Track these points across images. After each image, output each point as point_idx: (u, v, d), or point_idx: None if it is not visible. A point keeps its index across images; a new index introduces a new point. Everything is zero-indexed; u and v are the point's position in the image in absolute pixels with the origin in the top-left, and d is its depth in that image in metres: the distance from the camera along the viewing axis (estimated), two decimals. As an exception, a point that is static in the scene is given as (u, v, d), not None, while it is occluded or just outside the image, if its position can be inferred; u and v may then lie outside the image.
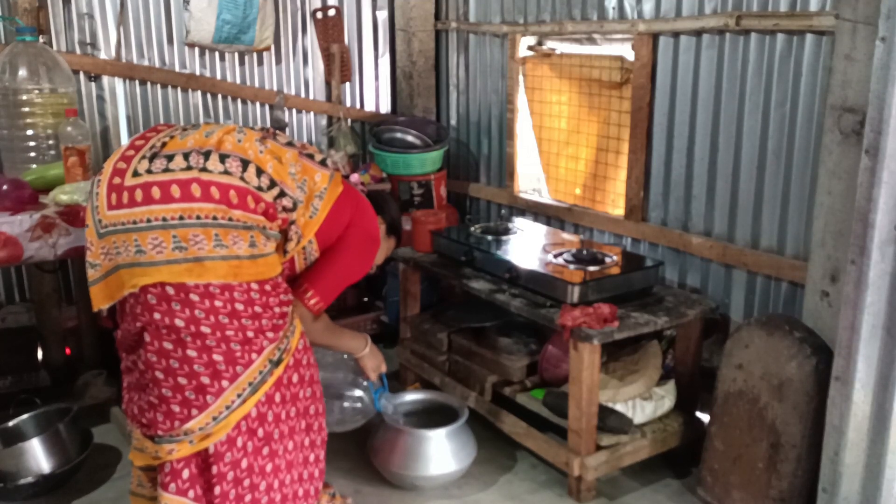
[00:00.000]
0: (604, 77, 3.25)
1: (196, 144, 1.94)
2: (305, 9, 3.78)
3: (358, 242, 2.19)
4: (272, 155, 2.00)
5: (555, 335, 2.72)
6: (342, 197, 2.13)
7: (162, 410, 1.90)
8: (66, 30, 3.28)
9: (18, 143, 2.81)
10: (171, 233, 1.85)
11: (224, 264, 1.87)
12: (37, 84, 2.80)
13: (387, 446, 2.55)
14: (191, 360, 1.88)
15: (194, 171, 1.88)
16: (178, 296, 1.86)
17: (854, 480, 1.97)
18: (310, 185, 2.05)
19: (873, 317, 1.87)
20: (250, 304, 1.92)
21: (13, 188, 2.44)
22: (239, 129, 2.02)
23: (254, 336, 1.92)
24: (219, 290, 1.88)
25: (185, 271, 1.85)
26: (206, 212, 1.87)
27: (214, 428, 1.89)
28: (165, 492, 1.92)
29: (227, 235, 1.88)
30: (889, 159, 1.79)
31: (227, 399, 1.89)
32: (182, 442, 1.90)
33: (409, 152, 3.66)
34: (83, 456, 2.58)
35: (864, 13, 2.00)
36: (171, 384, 1.89)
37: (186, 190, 1.87)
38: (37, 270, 3.11)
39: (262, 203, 1.93)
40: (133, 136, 2.05)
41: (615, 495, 2.57)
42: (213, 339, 1.88)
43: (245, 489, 1.95)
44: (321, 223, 2.08)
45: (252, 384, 1.92)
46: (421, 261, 3.14)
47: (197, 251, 1.85)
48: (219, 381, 1.88)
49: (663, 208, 2.99)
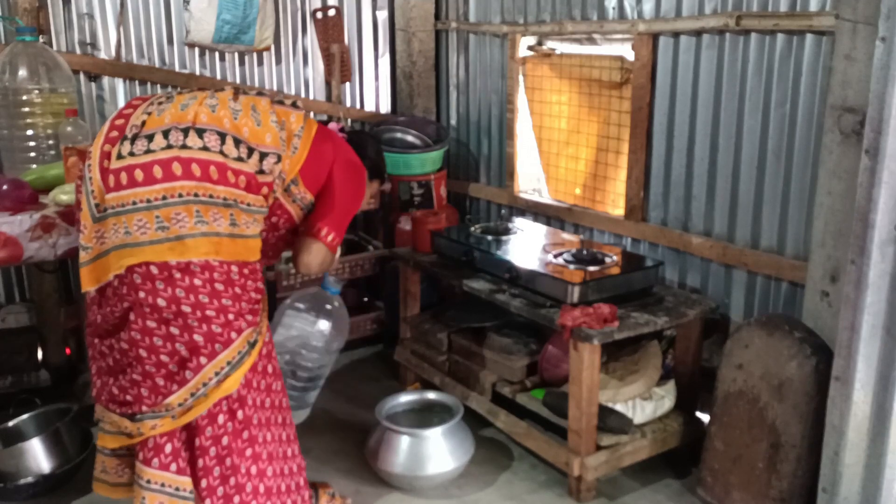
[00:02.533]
0: (604, 77, 3.25)
1: (173, 120, 2.00)
2: (305, 9, 3.79)
3: (346, 173, 2.25)
4: (248, 110, 2.07)
5: (555, 335, 2.72)
6: (319, 134, 2.20)
7: (146, 386, 1.96)
8: (66, 30, 3.28)
9: (18, 143, 2.81)
10: (154, 213, 1.92)
11: (205, 241, 1.94)
12: (37, 84, 2.80)
13: (383, 447, 2.55)
14: (173, 338, 1.95)
15: (174, 149, 1.95)
16: (162, 274, 1.93)
17: (854, 480, 1.97)
18: (287, 126, 2.13)
19: (873, 317, 1.87)
20: (230, 284, 1.98)
21: (13, 188, 2.44)
22: (211, 94, 2.09)
23: (234, 318, 1.99)
24: (199, 268, 1.94)
25: (167, 250, 1.92)
26: (188, 189, 1.94)
27: (193, 402, 1.96)
28: (148, 467, 1.99)
29: (208, 212, 1.95)
30: (889, 159, 1.79)
31: (206, 376, 1.95)
32: (165, 417, 1.96)
33: (409, 152, 3.66)
34: (83, 456, 2.58)
35: (864, 13, 2.00)
36: (153, 361, 1.95)
37: (168, 169, 1.94)
38: (37, 270, 3.11)
39: (241, 176, 2.00)
40: (112, 115, 2.09)
41: (615, 495, 2.57)
42: (194, 319, 1.94)
43: (228, 469, 2.01)
44: (304, 160, 2.14)
45: (231, 363, 1.98)
46: (421, 261, 3.14)
47: (178, 230, 1.92)
48: (198, 357, 1.95)
49: (663, 208, 2.99)
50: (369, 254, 3.61)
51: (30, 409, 2.74)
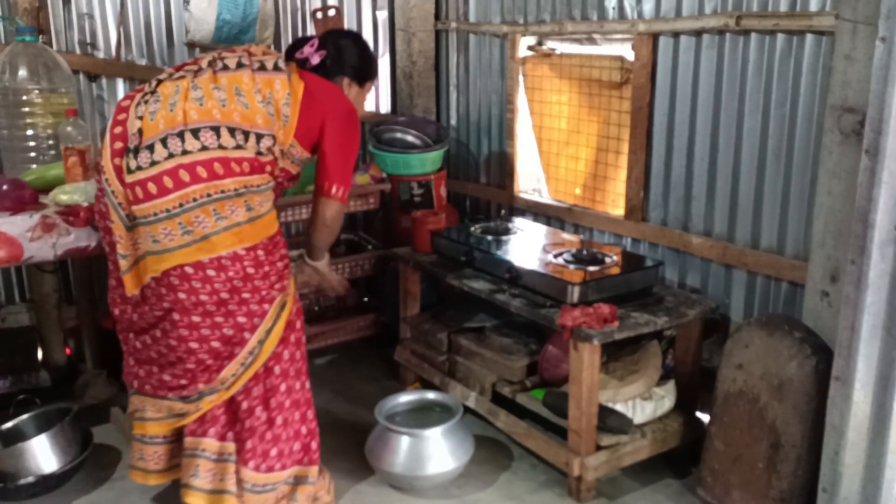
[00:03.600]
0: (604, 77, 3.25)
1: (167, 125, 2.09)
2: (305, 9, 3.78)
3: (339, 123, 2.32)
4: (233, 95, 2.14)
5: (555, 335, 2.72)
6: (306, 95, 2.26)
7: (201, 369, 2.16)
8: (66, 30, 3.28)
9: (18, 143, 2.81)
10: (176, 221, 2.06)
11: (228, 234, 2.09)
12: (37, 84, 2.80)
13: (383, 447, 2.55)
14: (219, 326, 2.13)
15: (176, 157, 2.06)
16: (197, 274, 2.08)
17: (854, 480, 1.97)
18: (274, 97, 2.20)
19: (873, 317, 1.87)
20: (259, 265, 2.15)
21: (13, 188, 2.44)
22: (192, 84, 2.15)
23: (266, 293, 2.17)
24: (229, 260, 2.10)
25: (196, 251, 2.07)
26: (200, 192, 2.06)
27: (242, 373, 2.17)
28: (205, 437, 2.21)
29: (224, 207, 2.08)
30: (889, 159, 1.79)
31: (251, 346, 2.16)
32: (220, 392, 2.18)
33: (409, 152, 3.66)
34: (83, 456, 2.58)
35: (864, 13, 2.00)
36: (206, 349, 2.14)
37: (176, 178, 2.05)
38: (37, 270, 3.11)
39: (245, 163, 2.12)
40: (109, 124, 2.17)
41: (615, 495, 2.57)
42: (234, 304, 2.13)
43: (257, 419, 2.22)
44: (296, 126, 2.23)
45: (268, 330, 2.19)
46: (421, 261, 3.14)
47: (202, 230, 2.07)
48: (242, 333, 2.15)
49: (663, 208, 2.99)
50: (369, 254, 3.61)
51: (30, 409, 2.74)
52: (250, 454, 2.20)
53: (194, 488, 2.20)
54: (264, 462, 2.23)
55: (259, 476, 2.22)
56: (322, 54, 2.44)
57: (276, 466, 2.25)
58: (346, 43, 2.52)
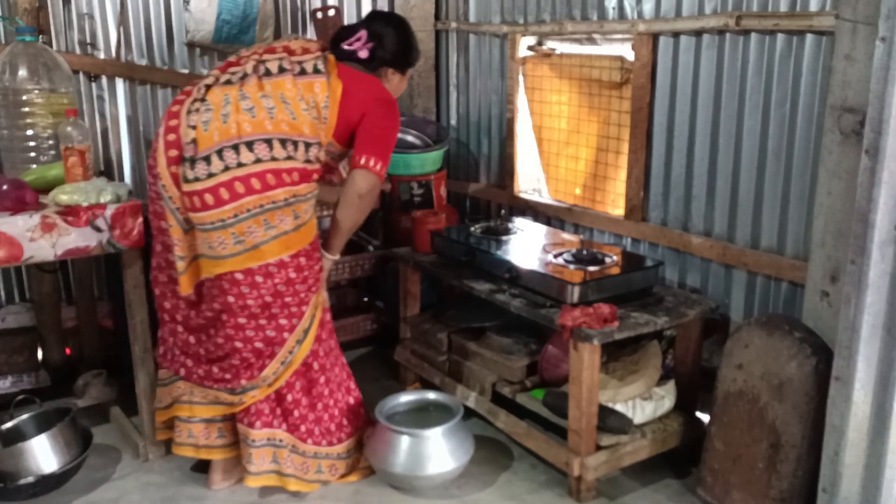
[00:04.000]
0: (604, 77, 3.25)
1: (221, 137, 2.21)
2: (305, 9, 3.78)
3: (378, 112, 2.41)
4: (279, 103, 2.26)
5: (555, 335, 2.72)
6: (344, 95, 2.37)
7: (244, 366, 2.34)
8: (66, 30, 3.28)
9: (18, 143, 2.81)
10: (230, 231, 2.20)
11: (276, 243, 2.25)
12: (37, 84, 2.80)
13: (383, 447, 2.54)
14: (263, 328, 2.31)
15: (232, 170, 2.19)
16: (246, 279, 2.25)
17: (854, 480, 1.97)
18: (315, 100, 2.32)
19: (873, 317, 1.87)
20: (300, 270, 2.32)
21: (13, 188, 2.43)
22: (241, 95, 2.26)
23: (304, 296, 2.35)
24: (276, 267, 2.27)
25: (247, 259, 2.23)
26: (253, 203, 2.20)
27: (283, 370, 2.36)
28: (253, 429, 2.40)
29: (274, 217, 2.24)
30: (889, 159, 1.79)
31: (289, 346, 2.36)
32: (262, 388, 2.37)
33: (409, 152, 3.66)
34: (83, 456, 2.58)
35: (864, 13, 2.00)
36: (249, 348, 2.32)
37: (232, 190, 2.19)
38: (37, 270, 3.11)
39: (295, 173, 2.27)
40: (161, 129, 2.29)
41: (615, 495, 2.57)
42: (276, 307, 2.30)
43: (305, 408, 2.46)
44: (335, 126, 2.36)
45: (305, 330, 2.38)
46: (421, 261, 3.14)
47: (253, 240, 2.22)
48: (282, 334, 2.34)
49: (663, 208, 2.99)
50: (369, 254, 3.61)
51: (30, 409, 2.74)
52: (306, 434, 2.47)
53: (251, 473, 2.44)
54: (324, 438, 2.51)
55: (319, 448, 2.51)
56: (370, 47, 2.49)
57: (334, 441, 2.54)
58: (388, 32, 2.56)
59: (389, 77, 2.57)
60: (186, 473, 2.71)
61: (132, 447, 2.81)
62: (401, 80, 2.63)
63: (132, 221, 2.52)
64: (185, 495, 2.58)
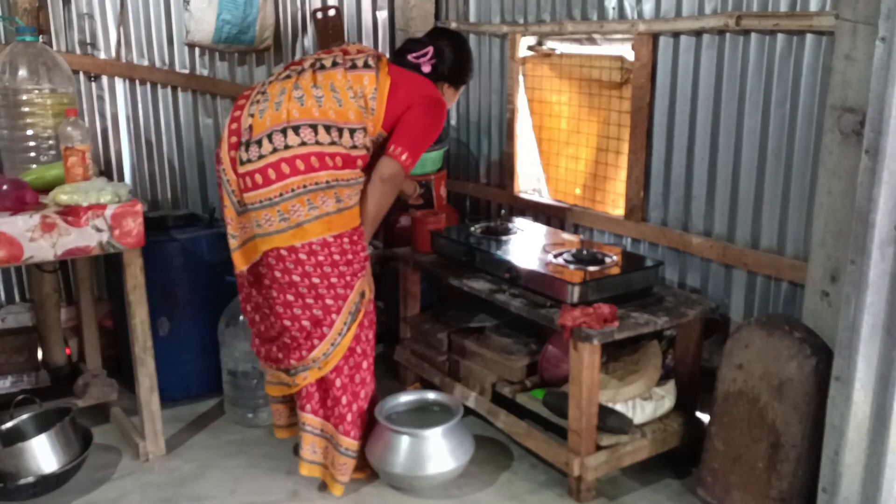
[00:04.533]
0: (604, 77, 3.25)
1: (273, 122, 2.37)
2: (305, 9, 3.78)
3: (422, 108, 2.51)
4: (328, 92, 2.40)
5: (555, 335, 2.72)
6: (392, 89, 2.47)
7: (294, 346, 2.45)
8: (66, 30, 3.28)
9: (18, 143, 2.81)
10: (276, 209, 2.34)
11: (318, 223, 2.36)
12: (37, 84, 2.80)
13: (383, 447, 2.54)
14: (309, 307, 2.42)
15: (279, 151, 2.34)
16: (291, 257, 2.37)
17: (854, 480, 1.97)
18: (363, 92, 2.43)
19: (873, 317, 1.86)
20: (344, 253, 2.42)
21: (13, 188, 2.43)
22: (295, 84, 2.42)
23: (350, 279, 2.44)
24: (319, 246, 2.38)
25: (291, 237, 2.36)
26: (298, 183, 2.33)
27: (333, 353, 2.45)
28: (303, 412, 2.53)
29: (317, 198, 2.35)
30: (889, 159, 1.79)
31: (338, 328, 2.44)
32: (311, 369, 2.47)
33: (409, 152, 3.65)
34: (83, 456, 2.58)
35: (864, 13, 2.00)
36: (297, 327, 2.43)
37: (279, 170, 2.33)
38: (37, 270, 3.11)
39: (338, 157, 2.38)
40: (227, 120, 2.48)
41: (615, 495, 2.57)
42: (323, 287, 2.41)
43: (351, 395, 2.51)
44: (383, 117, 2.46)
45: (351, 313, 2.46)
46: (421, 261, 3.14)
47: (297, 218, 2.34)
48: (330, 315, 2.43)
49: (663, 208, 2.99)
50: (369, 254, 3.60)
51: (30, 409, 2.74)
52: (350, 426, 2.51)
53: (304, 460, 2.56)
54: (353, 429, 2.52)
55: (356, 443, 2.54)
56: (433, 63, 2.65)
57: (360, 434, 2.56)
58: (450, 49, 2.71)
59: (444, 91, 2.71)
60: (186, 473, 2.71)
61: (132, 447, 2.82)
62: (454, 94, 2.78)
63: (132, 221, 2.52)
64: (185, 495, 2.58)
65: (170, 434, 2.92)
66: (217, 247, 3.09)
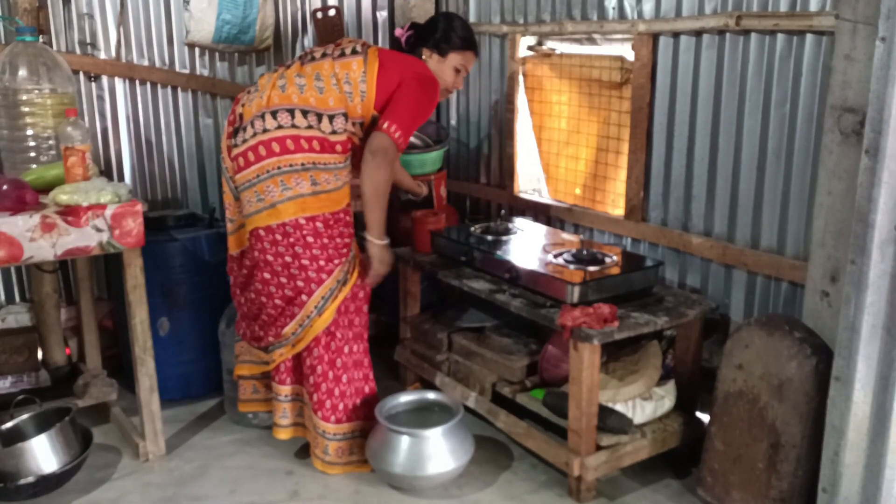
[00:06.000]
0: (604, 77, 3.25)
1: (257, 109, 2.49)
2: (305, 9, 3.78)
3: (413, 84, 2.56)
4: (311, 80, 2.50)
5: (555, 335, 2.72)
6: (381, 69, 2.54)
7: (269, 323, 2.59)
8: (66, 30, 3.28)
9: (18, 143, 2.81)
10: (254, 189, 2.46)
11: (291, 204, 2.44)
12: (37, 84, 2.80)
13: (383, 447, 2.54)
14: (283, 286, 2.53)
15: (259, 135, 2.45)
16: (268, 237, 2.48)
17: (854, 480, 1.97)
18: (352, 76, 2.52)
19: (873, 317, 1.86)
20: (318, 236, 2.48)
21: (13, 188, 2.43)
22: (280, 75, 2.54)
23: (325, 263, 2.50)
24: (292, 228, 2.46)
25: (266, 216, 2.46)
26: (272, 164, 2.44)
27: (303, 332, 2.54)
28: (283, 385, 2.68)
29: (291, 179, 2.44)
30: (889, 159, 1.79)
31: (308, 309, 2.52)
32: (286, 346, 2.59)
33: (409, 152, 3.65)
34: (83, 456, 2.58)
35: (864, 13, 2.00)
36: (272, 304, 2.56)
37: (257, 152, 2.45)
38: (37, 270, 3.11)
39: (315, 141, 2.46)
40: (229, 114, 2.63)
41: (615, 495, 2.57)
42: (295, 268, 2.49)
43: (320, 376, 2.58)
44: (374, 98, 2.52)
45: (325, 297, 2.52)
46: (421, 261, 3.14)
47: (271, 199, 2.44)
48: (300, 296, 2.51)
49: (663, 208, 2.99)
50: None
51: (30, 409, 2.74)
52: (318, 405, 2.59)
53: (278, 426, 2.72)
54: (333, 414, 2.60)
55: (329, 425, 2.60)
56: (409, 34, 2.75)
57: (344, 419, 2.62)
58: (432, 19, 2.85)
59: (427, 58, 2.73)
60: (186, 473, 2.71)
61: (132, 447, 2.82)
62: (440, 62, 2.73)
63: (132, 221, 2.52)
64: (185, 495, 2.58)
65: (170, 434, 2.92)
66: (217, 247, 3.09)
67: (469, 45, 2.77)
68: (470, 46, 2.78)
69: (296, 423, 2.74)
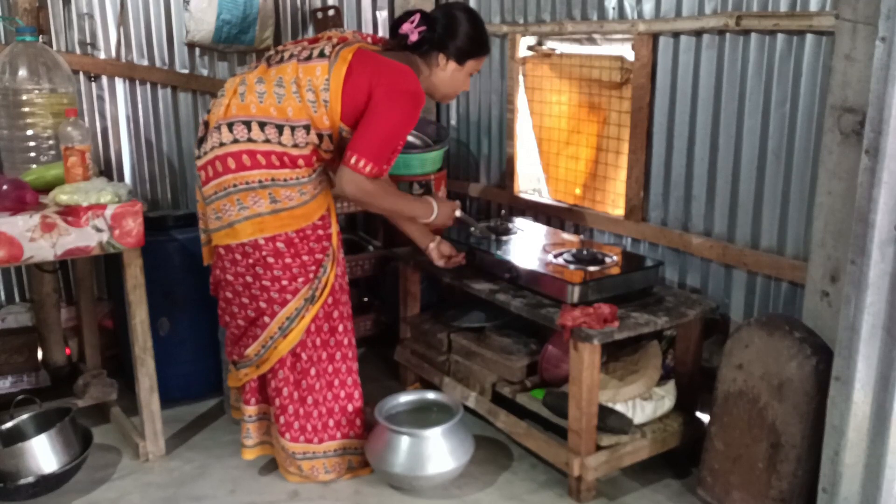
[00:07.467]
0: (604, 77, 3.25)
1: (216, 118, 2.32)
2: (305, 9, 3.78)
3: (387, 102, 2.24)
4: (271, 87, 2.27)
5: (555, 335, 2.72)
6: (349, 77, 2.25)
7: (233, 341, 2.51)
8: (66, 30, 3.28)
9: (18, 143, 2.81)
10: (212, 207, 2.33)
11: (248, 224, 2.28)
12: (37, 84, 2.80)
13: (383, 447, 2.54)
14: (245, 306, 2.42)
15: (216, 149, 2.29)
16: (228, 256, 2.37)
17: (854, 480, 1.97)
18: (314, 83, 2.25)
19: (873, 317, 1.86)
20: (279, 256, 2.32)
21: (13, 188, 2.43)
22: (242, 81, 2.34)
23: (287, 283, 2.35)
24: (251, 248, 2.31)
25: (224, 236, 2.33)
26: (228, 182, 2.28)
27: (266, 354, 2.43)
28: (248, 405, 2.57)
29: (247, 198, 2.27)
30: (889, 159, 1.79)
31: (271, 331, 2.40)
32: (250, 366, 2.48)
33: (409, 152, 3.65)
34: (83, 456, 2.58)
35: (864, 13, 2.00)
36: (235, 324, 2.47)
37: (214, 168, 2.30)
38: (37, 270, 3.11)
39: (273, 156, 2.26)
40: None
41: (615, 495, 2.57)
42: (256, 289, 2.37)
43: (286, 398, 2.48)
44: (339, 108, 2.26)
45: (290, 318, 2.38)
46: (421, 261, 3.14)
47: (228, 218, 2.30)
48: (262, 317, 2.39)
49: (663, 208, 2.99)
50: (369, 254, 3.61)
51: (30, 409, 2.74)
52: (284, 427, 2.50)
53: (245, 447, 2.61)
54: (302, 434, 2.51)
55: (296, 446, 2.52)
56: (421, 31, 2.35)
57: (314, 440, 2.54)
58: (444, 16, 2.40)
59: (441, 64, 2.39)
60: (186, 473, 2.71)
61: (132, 447, 2.82)
62: (456, 71, 2.42)
63: (132, 221, 2.52)
64: (185, 495, 2.58)
65: (170, 434, 2.92)
66: (217, 247, 3.09)
67: (487, 48, 2.53)
68: (488, 49, 2.54)
69: (262, 441, 2.65)
